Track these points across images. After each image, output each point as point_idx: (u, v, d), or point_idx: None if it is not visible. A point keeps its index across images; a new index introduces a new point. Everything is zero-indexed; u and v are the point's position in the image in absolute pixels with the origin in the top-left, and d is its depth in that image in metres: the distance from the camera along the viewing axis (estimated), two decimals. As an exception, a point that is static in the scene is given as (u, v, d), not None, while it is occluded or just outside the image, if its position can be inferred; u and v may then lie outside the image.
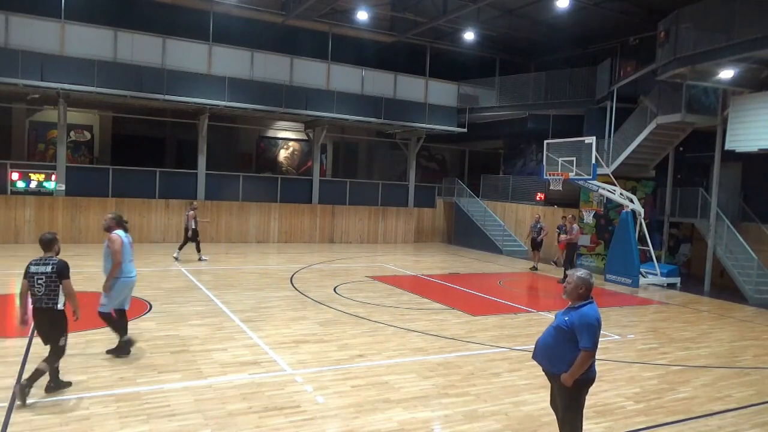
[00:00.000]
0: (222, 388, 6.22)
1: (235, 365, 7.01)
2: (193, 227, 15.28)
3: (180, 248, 15.60)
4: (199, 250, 15.59)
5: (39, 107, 19.41)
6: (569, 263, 15.06)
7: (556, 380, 4.54)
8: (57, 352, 5.77)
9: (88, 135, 21.53)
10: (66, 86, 16.39)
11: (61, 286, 5.66)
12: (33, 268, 5.65)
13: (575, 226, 15.27)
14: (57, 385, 5.84)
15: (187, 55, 18.04)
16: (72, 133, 20.63)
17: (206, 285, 12.07)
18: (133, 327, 8.49)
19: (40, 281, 5.60)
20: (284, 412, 5.66)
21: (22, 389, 5.46)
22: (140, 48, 17.36)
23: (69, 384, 5.95)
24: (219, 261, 15.77)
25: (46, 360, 5.72)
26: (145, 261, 14.79)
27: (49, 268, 5.62)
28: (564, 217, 16.38)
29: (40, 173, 17.41)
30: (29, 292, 5.69)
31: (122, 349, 7.04)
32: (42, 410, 5.40)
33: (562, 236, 15.43)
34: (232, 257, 16.71)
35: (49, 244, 5.83)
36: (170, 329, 8.48)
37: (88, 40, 16.72)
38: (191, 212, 15.38)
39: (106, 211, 18.09)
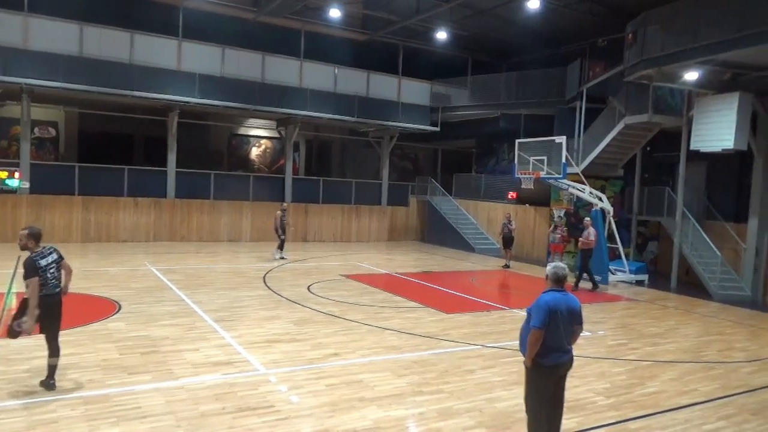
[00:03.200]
0: (194, 388, 6.13)
1: (208, 365, 6.92)
2: (281, 227, 16.50)
3: (278, 248, 16.69)
4: (281, 249, 16.64)
5: (1, 103, 18.82)
6: (584, 269, 14.30)
7: None
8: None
9: (53, 131, 20.96)
10: (30, 81, 15.91)
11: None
12: (43, 261, 5.75)
13: (591, 229, 14.19)
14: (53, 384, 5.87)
15: (156, 50, 17.71)
16: (36, 130, 20.06)
17: (177, 285, 11.88)
18: (102, 328, 8.34)
19: (52, 269, 5.81)
20: (258, 413, 5.61)
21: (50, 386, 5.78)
22: (107, 43, 16.97)
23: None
24: (190, 260, 15.54)
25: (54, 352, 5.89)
26: (112, 261, 14.41)
27: (56, 255, 5.90)
28: (559, 218, 15.96)
29: (2, 170, 16.93)
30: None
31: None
32: (8, 414, 5.25)
33: (580, 239, 14.43)
34: (204, 256, 16.49)
35: (41, 235, 6.00)
36: (140, 330, 8.32)
37: (53, 34, 16.26)
38: (279, 212, 16.65)
39: (72, 209, 17.72)
